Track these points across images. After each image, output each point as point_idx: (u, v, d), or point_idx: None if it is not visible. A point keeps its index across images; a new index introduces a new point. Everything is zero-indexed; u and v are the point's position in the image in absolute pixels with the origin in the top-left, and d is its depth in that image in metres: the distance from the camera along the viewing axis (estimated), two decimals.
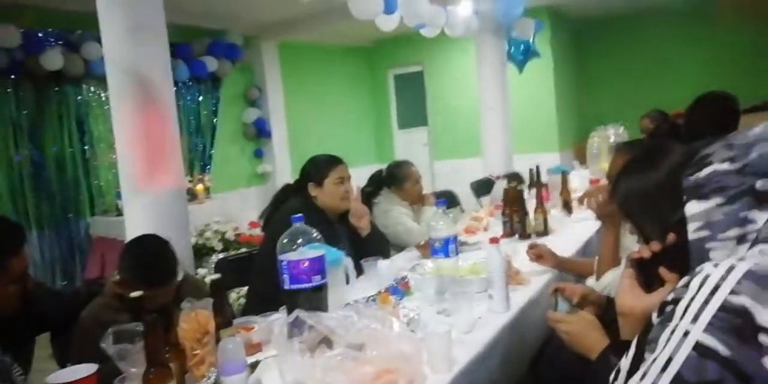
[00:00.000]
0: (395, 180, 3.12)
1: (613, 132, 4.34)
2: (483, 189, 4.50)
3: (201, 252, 4.27)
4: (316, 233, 1.60)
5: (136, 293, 1.35)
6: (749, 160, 0.81)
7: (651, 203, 1.01)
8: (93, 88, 5.25)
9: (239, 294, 3.41)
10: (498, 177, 3.61)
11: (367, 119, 9.30)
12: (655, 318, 0.79)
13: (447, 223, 1.86)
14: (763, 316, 0.67)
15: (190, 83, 6.10)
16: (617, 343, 1.10)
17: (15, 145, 4.76)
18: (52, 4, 4.86)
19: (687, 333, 0.70)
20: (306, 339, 1.29)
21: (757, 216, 0.79)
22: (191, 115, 6.24)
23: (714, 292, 0.71)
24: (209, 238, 4.37)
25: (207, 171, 6.33)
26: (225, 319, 1.38)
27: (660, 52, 8.01)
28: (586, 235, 2.66)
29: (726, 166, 0.83)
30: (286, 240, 1.56)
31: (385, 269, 2.03)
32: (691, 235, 0.86)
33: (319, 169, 2.38)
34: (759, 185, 0.79)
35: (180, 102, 5.90)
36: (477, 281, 1.86)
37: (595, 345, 1.20)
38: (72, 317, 1.70)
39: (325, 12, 5.84)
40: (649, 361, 0.73)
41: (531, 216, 2.73)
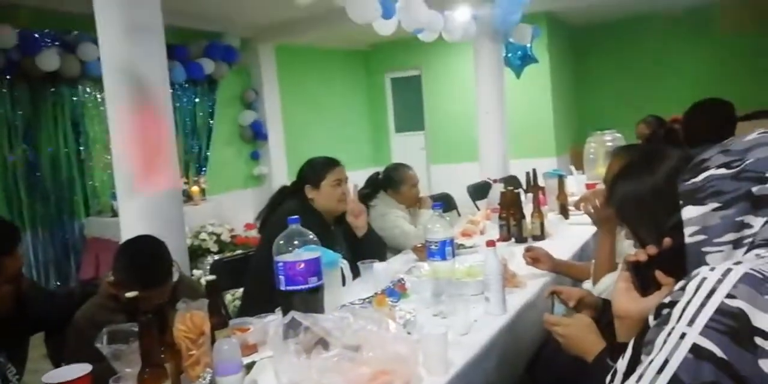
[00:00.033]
0: (392, 183, 3.10)
1: (610, 137, 4.35)
2: (480, 192, 4.49)
3: (196, 253, 4.26)
4: (312, 235, 1.60)
5: (131, 293, 1.34)
6: (745, 165, 0.82)
7: (647, 208, 1.02)
8: (89, 89, 5.24)
9: (234, 296, 3.40)
10: (495, 180, 3.61)
11: (364, 123, 9.30)
12: (652, 320, 0.79)
13: (443, 226, 1.85)
14: (759, 319, 0.67)
15: (186, 85, 6.10)
16: (613, 346, 1.11)
17: (9, 146, 4.74)
18: (48, 4, 4.85)
19: (683, 335, 0.70)
20: (302, 340, 1.29)
21: (754, 221, 0.80)
22: (187, 117, 6.23)
23: (710, 295, 0.71)
24: (204, 239, 4.36)
25: (203, 173, 6.32)
26: (220, 320, 1.38)
27: (657, 56, 8.06)
28: (582, 239, 2.66)
29: (722, 171, 0.84)
30: (282, 241, 1.56)
31: (382, 271, 2.02)
32: (688, 240, 0.86)
33: (316, 171, 2.37)
34: (755, 190, 0.80)
35: (176, 104, 5.90)
36: (473, 284, 1.86)
37: (592, 347, 1.21)
38: (66, 318, 1.69)
39: (323, 15, 5.84)
40: (646, 363, 0.73)
41: (528, 220, 2.72)
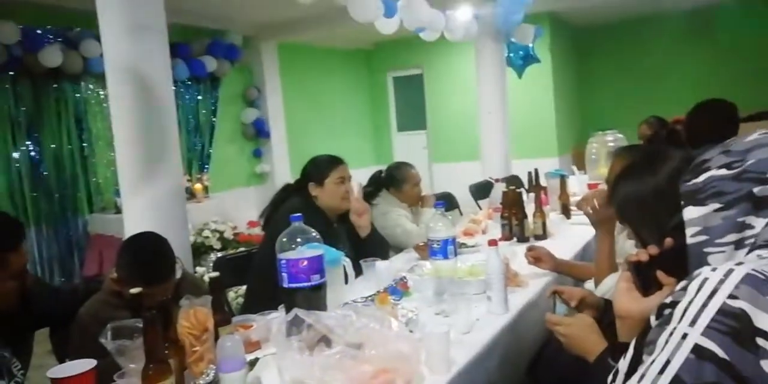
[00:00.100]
0: (394, 182, 3.10)
1: (612, 138, 4.35)
2: (482, 192, 4.49)
3: (199, 251, 4.27)
4: (315, 233, 1.61)
5: (135, 290, 1.35)
6: (746, 166, 0.82)
7: (649, 208, 1.02)
8: (92, 85, 5.25)
9: (237, 293, 3.40)
10: (497, 180, 3.60)
11: (366, 121, 9.30)
12: (654, 320, 0.79)
13: (446, 225, 1.86)
14: (761, 319, 0.67)
15: (189, 83, 6.12)
16: (615, 346, 1.11)
17: (13, 142, 4.75)
18: (51, 1, 4.86)
19: (685, 335, 0.70)
20: (305, 337, 1.29)
21: (755, 221, 0.80)
22: (190, 115, 6.25)
23: (712, 295, 0.71)
24: (208, 236, 4.37)
25: (205, 170, 6.33)
26: (224, 317, 1.39)
27: (659, 57, 8.04)
28: (584, 239, 2.66)
29: (723, 171, 0.84)
30: (285, 239, 1.56)
31: (384, 270, 2.03)
32: (689, 240, 0.86)
33: (320, 169, 2.37)
34: (757, 191, 0.80)
35: (179, 101, 5.91)
36: (475, 283, 1.86)
37: (593, 347, 1.21)
38: (70, 314, 1.70)
39: (325, 14, 5.83)
40: (647, 363, 0.73)
41: (530, 219, 2.72)
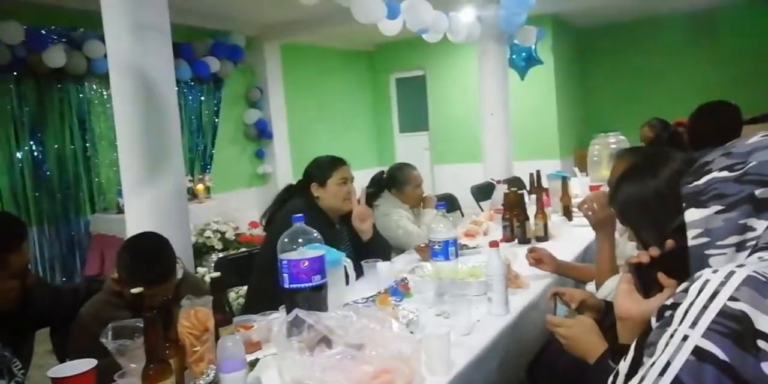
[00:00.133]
0: (396, 183, 3.10)
1: (614, 139, 4.35)
2: (483, 193, 4.49)
3: (201, 251, 4.27)
4: (316, 233, 1.61)
5: (136, 290, 1.35)
6: (748, 168, 0.82)
7: (650, 210, 1.02)
8: (95, 86, 5.27)
9: (238, 293, 3.41)
10: (499, 181, 3.60)
11: (369, 122, 9.31)
12: (654, 322, 0.79)
13: (447, 226, 1.86)
14: (762, 322, 0.67)
15: (192, 83, 6.13)
16: (615, 348, 1.11)
17: (16, 142, 4.76)
18: (55, 1, 4.88)
19: (686, 337, 0.70)
20: (305, 338, 1.29)
21: (757, 223, 0.80)
22: (193, 115, 6.26)
23: (713, 297, 0.71)
24: (209, 237, 4.37)
25: (207, 171, 6.34)
26: (224, 317, 1.39)
27: (662, 59, 8.03)
28: (585, 241, 2.65)
29: (725, 173, 0.84)
30: (286, 239, 1.56)
31: (385, 271, 2.03)
32: (691, 242, 0.86)
33: (323, 170, 2.37)
34: (758, 193, 0.80)
35: (182, 102, 5.93)
36: (476, 284, 1.86)
37: (594, 349, 1.21)
38: (71, 314, 1.70)
39: (328, 15, 5.85)
40: (648, 365, 0.73)
41: (531, 221, 2.72)
